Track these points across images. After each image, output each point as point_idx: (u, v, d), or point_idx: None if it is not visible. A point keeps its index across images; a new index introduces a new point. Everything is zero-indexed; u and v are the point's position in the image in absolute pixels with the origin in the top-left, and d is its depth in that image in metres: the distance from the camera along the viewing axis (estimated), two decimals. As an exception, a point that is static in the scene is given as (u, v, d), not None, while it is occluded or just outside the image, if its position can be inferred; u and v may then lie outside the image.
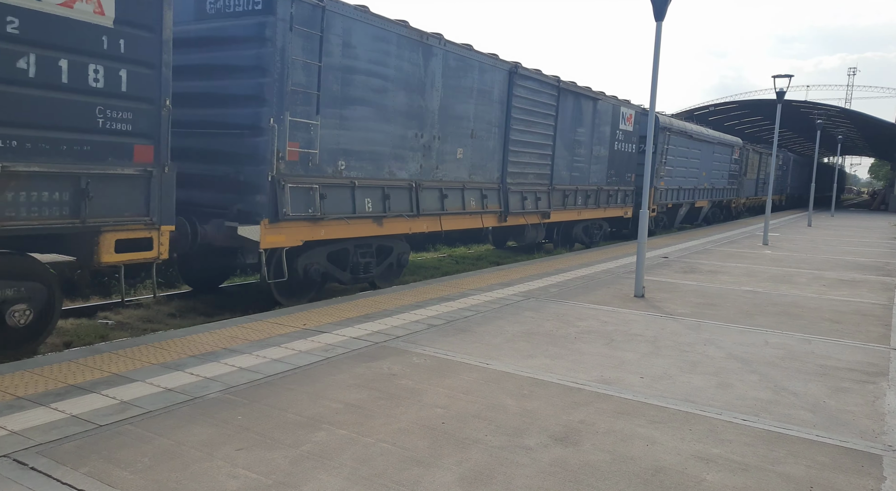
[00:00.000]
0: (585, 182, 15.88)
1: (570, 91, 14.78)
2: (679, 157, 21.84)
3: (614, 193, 17.50)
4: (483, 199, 11.95)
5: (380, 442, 4.02)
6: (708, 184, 25.56)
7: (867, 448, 4.27)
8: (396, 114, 9.72)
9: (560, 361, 5.94)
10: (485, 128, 11.90)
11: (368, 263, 9.91)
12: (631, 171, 18.36)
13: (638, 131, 18.63)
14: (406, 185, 10.07)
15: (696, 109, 51.28)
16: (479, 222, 12.07)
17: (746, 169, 32.18)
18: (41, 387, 4.69)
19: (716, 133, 26.59)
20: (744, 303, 9.17)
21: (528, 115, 13.11)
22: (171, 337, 6.18)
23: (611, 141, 17.04)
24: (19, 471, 3.47)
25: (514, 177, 12.85)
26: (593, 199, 16.34)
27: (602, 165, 16.69)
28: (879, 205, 54.62)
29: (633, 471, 3.79)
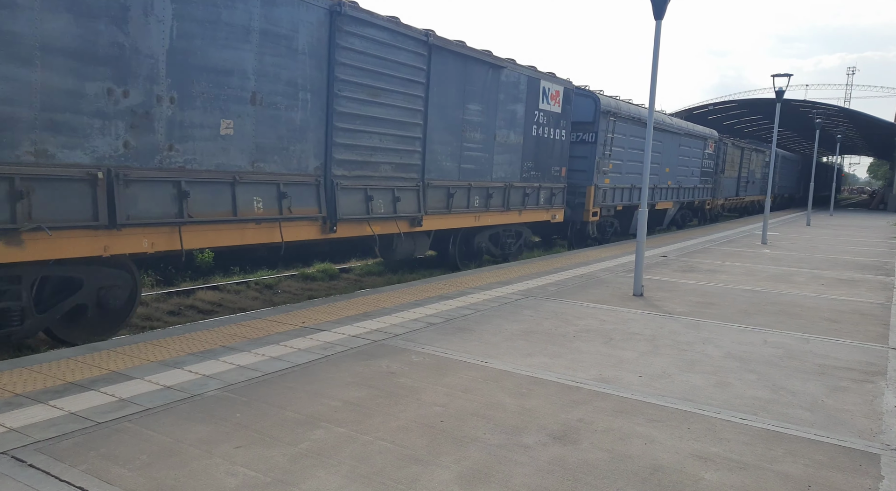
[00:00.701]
0: (485, 177, 11.99)
1: (452, 52, 10.70)
2: (632, 150, 17.84)
3: (533, 192, 13.54)
4: (283, 199, 8.02)
5: (378, 440, 4.02)
6: (673, 182, 21.73)
7: (865, 447, 4.28)
8: (51, 52, 5.79)
9: (559, 359, 5.94)
10: (282, 91, 7.93)
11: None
12: (560, 163, 14.55)
13: (570, 114, 14.80)
14: (83, 174, 6.10)
15: (696, 108, 51.29)
16: (273, 234, 8.06)
17: (724, 166, 28.41)
18: (40, 384, 4.69)
19: (683, 123, 22.42)
20: (743, 302, 9.18)
21: (370, 78, 9.16)
22: (170, 335, 6.18)
23: (527, 124, 13.12)
24: (18, 468, 3.47)
25: (349, 167, 9.02)
26: (499, 199, 12.45)
27: (513, 156, 12.73)
28: (878, 204, 54.66)
29: (631, 469, 3.79)
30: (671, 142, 21.07)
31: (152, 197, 6.71)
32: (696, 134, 23.71)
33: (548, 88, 13.76)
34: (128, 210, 6.49)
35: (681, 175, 22.51)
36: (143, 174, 6.59)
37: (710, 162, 25.66)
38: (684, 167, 22.81)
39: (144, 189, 6.64)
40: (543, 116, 13.67)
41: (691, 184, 23.71)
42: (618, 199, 17.61)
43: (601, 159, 16.10)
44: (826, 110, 48.28)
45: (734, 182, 30.89)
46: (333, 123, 8.69)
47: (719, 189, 27.97)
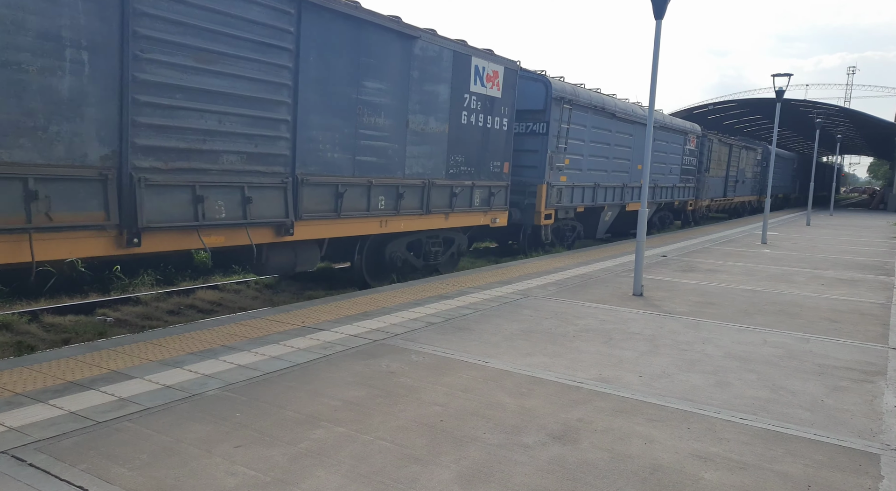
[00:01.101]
0: (394, 172, 9.67)
1: (336, 13, 8.39)
2: (594, 144, 15.82)
3: (465, 191, 11.26)
4: (32, 201, 5.64)
5: (378, 440, 4.02)
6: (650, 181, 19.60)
7: (865, 447, 4.28)
8: None
9: (559, 359, 5.94)
10: (31, 46, 5.60)
11: None
12: (502, 157, 12.16)
13: (514, 99, 12.39)
14: None
15: (696, 108, 51.30)
16: (18, 251, 5.66)
17: (709, 163, 26.01)
18: (40, 383, 4.69)
19: (658, 114, 20.03)
20: (742, 302, 9.18)
21: (200, 37, 6.86)
22: (170, 334, 6.18)
23: (454, 110, 10.79)
24: (18, 467, 3.47)
25: (165, 157, 6.70)
26: (415, 199, 10.14)
27: (434, 147, 10.44)
28: (878, 204, 54.67)
29: (631, 469, 3.79)
30: (643, 135, 17.97)
31: None
32: (675, 128, 21.16)
33: (482, 68, 11.27)
34: None
35: (657, 173, 20.13)
36: None
37: (693, 159, 23.41)
38: (661, 164, 20.40)
39: None
40: (477, 101, 11.25)
41: (669, 183, 21.34)
42: (577, 199, 15.43)
43: (555, 153, 13.94)
44: (826, 110, 48.28)
45: (721, 181, 28.50)
46: (133, 96, 6.34)
47: (704, 189, 25.59)
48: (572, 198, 15.21)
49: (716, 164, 27.10)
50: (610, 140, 16.71)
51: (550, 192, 14.10)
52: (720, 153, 27.68)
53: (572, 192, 15.13)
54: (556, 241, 15.43)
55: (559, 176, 14.33)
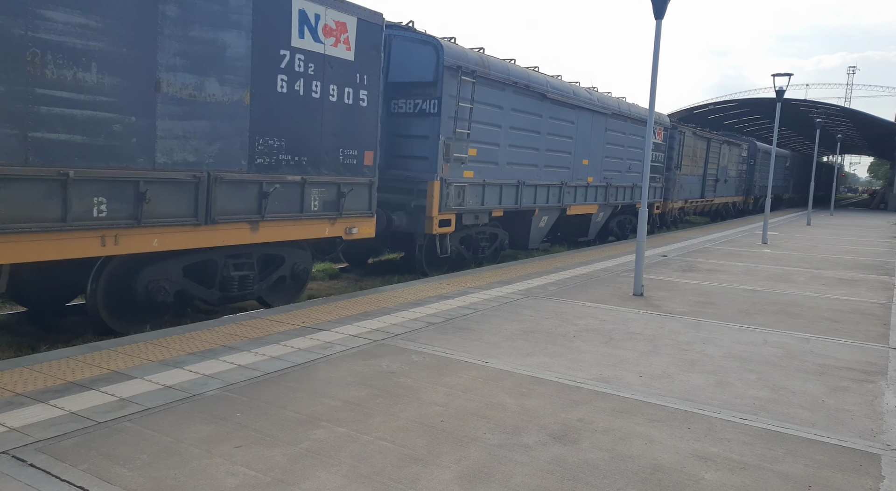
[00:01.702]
0: (131, 159, 6.32)
1: None
2: (516, 131, 12.55)
3: (288, 190, 7.89)
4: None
5: (378, 440, 4.02)
6: (597, 178, 16.18)
7: (866, 447, 4.28)
8: None
9: (559, 359, 5.94)
10: None
11: None
12: (362, 144, 8.87)
13: (378, 65, 9.07)
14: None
15: (696, 108, 51.32)
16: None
17: (680, 160, 22.84)
18: (40, 384, 4.69)
19: (610, 99, 16.61)
20: (743, 302, 9.18)
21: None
22: (170, 334, 6.18)
23: (257, 72, 7.38)
24: (18, 467, 3.47)
25: None
26: (178, 202, 6.75)
27: (222, 125, 7.09)
28: (878, 204, 54.66)
29: (631, 469, 3.79)
30: (590, 124, 15.47)
31: None
32: (634, 116, 17.73)
33: (316, 15, 7.99)
34: None
35: (610, 169, 16.95)
36: None
37: (659, 154, 20.23)
38: (616, 159, 17.20)
39: None
40: (308, 63, 7.86)
41: (628, 181, 18.06)
42: (493, 200, 12.10)
43: (452, 141, 10.70)
44: (826, 110, 48.29)
45: (698, 180, 25.52)
46: None
47: (675, 189, 22.45)
48: (483, 199, 11.83)
49: (690, 161, 24.00)
50: (541, 128, 13.42)
51: (447, 191, 10.72)
52: (695, 148, 24.65)
53: (483, 191, 11.78)
54: (465, 253, 12.14)
55: (461, 170, 11.12)
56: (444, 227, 10.99)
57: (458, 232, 11.77)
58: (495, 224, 12.96)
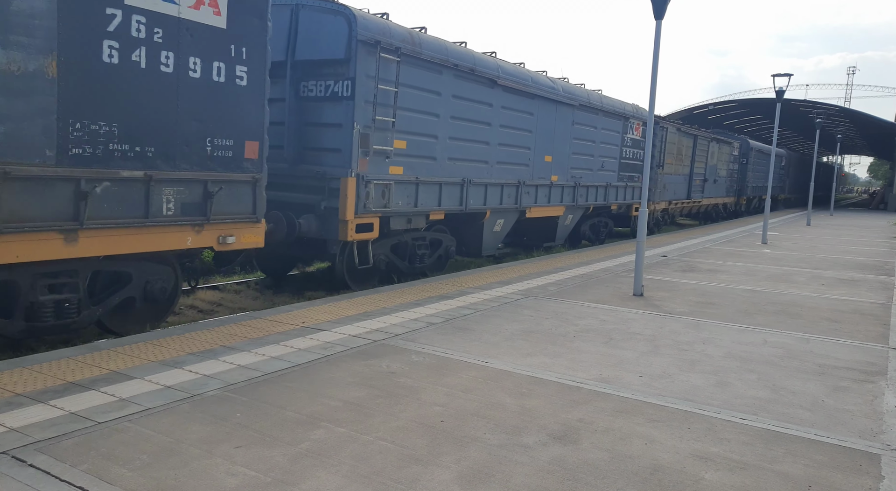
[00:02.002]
0: None
1: None
2: (460, 121, 10.81)
3: (125, 189, 6.22)
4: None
5: (378, 440, 4.02)
6: (563, 177, 14.41)
7: (865, 447, 4.28)
8: None
9: (559, 359, 5.94)
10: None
11: None
12: (239, 132, 7.21)
13: (262, 36, 7.29)
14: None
15: (696, 108, 51.35)
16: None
17: (663, 158, 20.85)
18: (40, 384, 4.69)
19: (579, 90, 14.93)
20: (743, 302, 9.18)
21: None
22: (170, 334, 6.18)
23: (65, 35, 5.63)
24: (18, 468, 3.47)
25: None
26: None
27: (10, 101, 5.34)
28: (878, 204, 54.68)
29: (631, 469, 3.79)
30: (553, 116, 13.69)
31: None
32: (607, 109, 16.03)
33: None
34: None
35: (580, 167, 15.22)
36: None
37: (638, 151, 18.19)
38: (586, 156, 15.45)
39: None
40: (153, 28, 6.22)
41: (601, 181, 16.31)
42: (429, 201, 10.34)
43: (370, 131, 8.97)
44: (826, 110, 48.32)
45: (684, 180, 23.51)
46: None
47: (657, 189, 20.54)
48: (417, 199, 10.06)
49: (674, 160, 21.94)
50: (491, 119, 11.65)
51: (365, 191, 8.95)
52: (680, 146, 22.60)
53: (416, 190, 10.03)
54: (399, 263, 10.36)
55: (385, 166, 9.38)
56: (364, 233, 9.18)
57: (385, 238, 9.94)
58: (440, 228, 11.25)
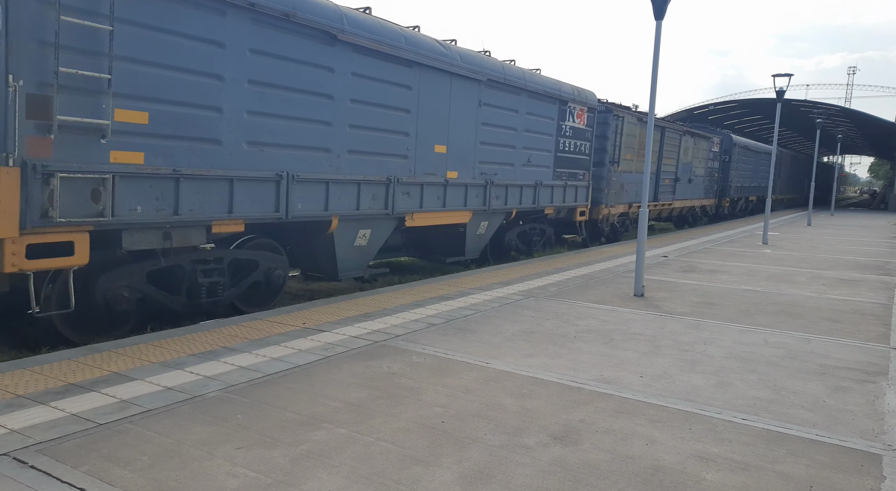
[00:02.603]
0: None
1: None
2: (263, 89, 7.57)
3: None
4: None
5: (379, 441, 4.02)
6: (470, 174, 11.33)
7: (867, 447, 4.28)
8: None
9: (559, 360, 5.94)
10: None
11: None
12: None
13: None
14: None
15: (696, 108, 51.34)
16: None
17: (619, 153, 17.19)
18: (41, 385, 4.69)
19: (493, 61, 11.78)
20: (743, 302, 9.18)
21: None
22: (171, 336, 6.18)
23: None
24: (19, 469, 3.47)
25: None
26: None
27: None
28: (879, 204, 54.66)
29: (632, 470, 3.79)
30: (447, 93, 10.60)
31: None
32: (532, 89, 12.69)
33: None
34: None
35: (493, 162, 11.92)
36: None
37: (584, 143, 15.09)
38: (503, 148, 12.17)
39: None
40: None
41: (529, 179, 13.08)
42: (208, 206, 7.07)
43: (54, 91, 5.63)
44: (827, 110, 48.31)
45: (651, 181, 20.15)
46: None
47: (611, 190, 16.87)
48: (178, 202, 6.74)
49: (635, 155, 18.26)
50: (334, 90, 8.47)
51: (45, 190, 5.66)
52: (643, 139, 18.07)
53: (176, 189, 6.74)
54: (160, 299, 7.10)
55: (99, 149, 6.09)
56: (49, 260, 5.80)
57: (129, 265, 6.80)
58: (262, 243, 8.25)
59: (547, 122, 13.64)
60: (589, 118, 15.23)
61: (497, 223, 12.63)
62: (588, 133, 15.27)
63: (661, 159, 21.06)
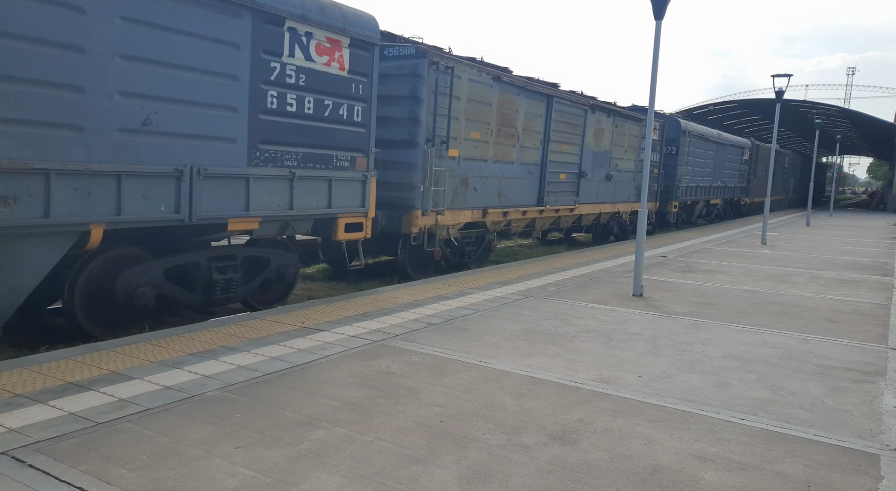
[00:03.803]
0: None
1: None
2: None
3: None
4: None
5: (378, 440, 4.02)
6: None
7: (865, 447, 4.28)
8: None
9: (558, 359, 5.94)
10: None
11: None
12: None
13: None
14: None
15: (696, 108, 51.32)
16: None
17: (447, 127, 10.66)
18: (39, 384, 4.69)
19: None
20: (742, 302, 9.18)
21: None
22: (170, 335, 6.18)
23: None
24: (18, 468, 3.47)
25: None
26: None
27: None
28: (878, 204, 54.70)
29: (631, 470, 3.79)
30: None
31: None
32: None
33: None
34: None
35: (169, 131, 6.50)
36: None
37: (357, 105, 8.68)
38: (179, 106, 6.57)
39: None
40: None
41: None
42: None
43: None
44: (826, 110, 48.31)
45: (525, 174, 13.46)
46: None
47: (433, 193, 10.53)
48: None
49: (493, 135, 12.13)
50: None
51: None
52: (507, 109, 12.41)
53: None
54: None
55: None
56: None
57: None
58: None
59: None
60: (358, 60, 8.61)
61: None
62: (358, 86, 8.69)
63: (546, 144, 14.00)
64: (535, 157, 13.77)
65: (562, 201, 14.99)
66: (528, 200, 13.63)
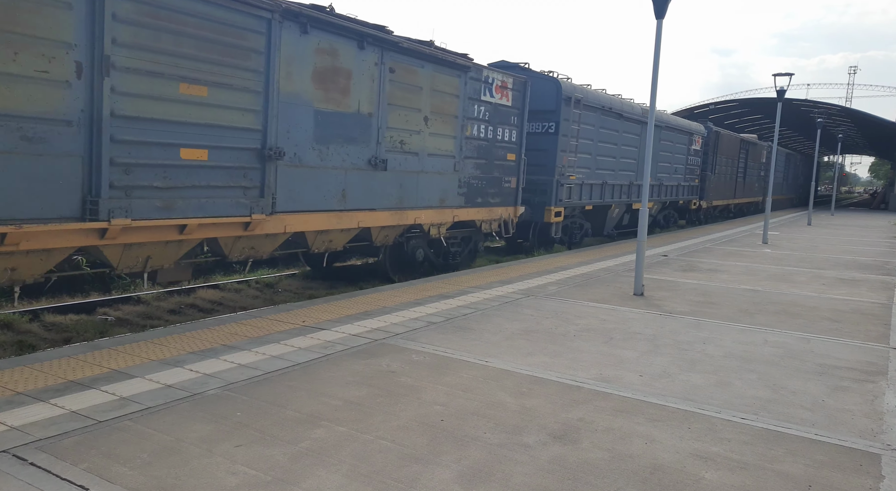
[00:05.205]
0: None
1: None
2: None
3: None
4: None
5: (379, 439, 4.03)
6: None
7: (866, 447, 4.28)
8: None
9: (559, 358, 5.94)
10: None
11: None
12: None
13: None
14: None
15: (697, 108, 51.25)
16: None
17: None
18: (41, 383, 4.69)
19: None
20: (743, 301, 9.18)
21: None
22: (171, 333, 6.19)
23: None
24: (19, 466, 3.47)
25: None
26: None
27: None
28: (879, 204, 54.64)
29: (631, 469, 3.79)
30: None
31: None
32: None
33: None
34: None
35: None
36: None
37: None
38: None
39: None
40: None
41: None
42: None
43: None
44: (828, 109, 48.23)
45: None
46: None
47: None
48: None
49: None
50: None
51: None
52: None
53: None
54: None
55: None
56: None
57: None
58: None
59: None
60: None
61: None
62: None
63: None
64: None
65: (208, 210, 7.21)
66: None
